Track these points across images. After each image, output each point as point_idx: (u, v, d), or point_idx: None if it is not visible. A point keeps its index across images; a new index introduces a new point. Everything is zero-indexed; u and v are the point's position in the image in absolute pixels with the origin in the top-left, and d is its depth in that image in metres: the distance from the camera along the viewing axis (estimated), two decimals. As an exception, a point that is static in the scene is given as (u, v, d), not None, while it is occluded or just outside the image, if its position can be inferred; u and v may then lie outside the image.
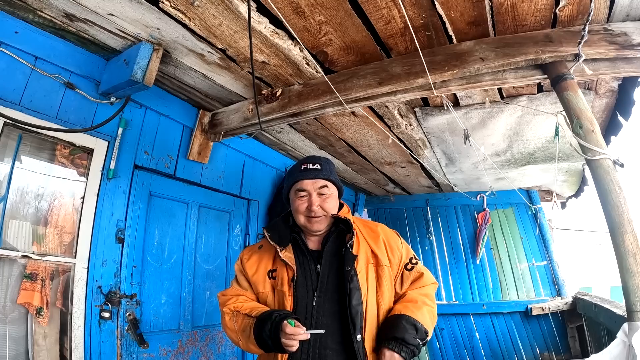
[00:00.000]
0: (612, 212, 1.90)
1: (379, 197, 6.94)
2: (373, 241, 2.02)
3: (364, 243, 2.00)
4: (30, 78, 2.45)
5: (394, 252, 2.02)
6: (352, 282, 1.81)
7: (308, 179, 1.95)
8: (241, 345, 1.89)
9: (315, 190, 1.95)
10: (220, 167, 3.89)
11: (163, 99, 3.27)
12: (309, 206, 1.93)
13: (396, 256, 2.02)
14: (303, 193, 1.96)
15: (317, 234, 2.00)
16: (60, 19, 2.40)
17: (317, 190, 1.95)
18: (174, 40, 2.51)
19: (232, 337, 1.93)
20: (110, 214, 2.82)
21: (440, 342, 6.10)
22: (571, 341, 5.44)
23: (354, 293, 1.80)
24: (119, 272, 2.82)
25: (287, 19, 2.22)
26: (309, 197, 1.95)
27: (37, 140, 2.52)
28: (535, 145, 4.10)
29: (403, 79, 2.52)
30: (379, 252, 1.98)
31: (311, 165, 1.98)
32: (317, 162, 2.00)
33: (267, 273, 1.98)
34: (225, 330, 1.97)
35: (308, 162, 2.00)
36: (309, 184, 1.95)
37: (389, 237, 2.08)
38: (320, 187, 1.95)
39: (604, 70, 2.32)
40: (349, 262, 1.86)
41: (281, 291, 1.88)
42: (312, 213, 1.92)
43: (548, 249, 5.93)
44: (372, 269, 1.94)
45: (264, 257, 2.03)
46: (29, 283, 2.37)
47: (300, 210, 1.96)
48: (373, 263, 1.96)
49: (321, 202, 1.94)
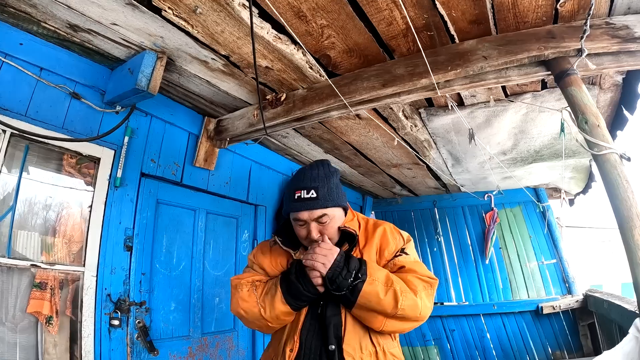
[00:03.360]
0: (620, 207, 1.87)
1: (386, 199, 6.94)
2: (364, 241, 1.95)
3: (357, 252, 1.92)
4: (35, 89, 2.47)
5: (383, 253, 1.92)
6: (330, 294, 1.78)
7: (304, 210, 1.82)
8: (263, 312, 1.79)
9: (313, 219, 1.83)
10: (226, 173, 3.90)
11: (168, 106, 3.29)
12: (308, 234, 1.84)
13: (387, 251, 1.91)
14: (301, 222, 1.86)
15: None
16: (64, 30, 2.42)
17: (314, 220, 1.83)
18: (177, 48, 2.52)
19: (249, 309, 1.82)
20: (118, 222, 2.83)
21: (451, 343, 6.06)
22: (583, 339, 5.39)
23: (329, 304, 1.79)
24: (127, 279, 2.82)
25: (289, 24, 2.23)
26: (308, 225, 1.84)
27: (44, 150, 2.53)
28: (541, 143, 4.08)
29: (407, 80, 2.51)
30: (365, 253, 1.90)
31: (305, 193, 1.82)
32: (312, 187, 1.83)
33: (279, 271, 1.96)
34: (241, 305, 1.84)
35: (302, 189, 1.83)
36: (305, 215, 1.83)
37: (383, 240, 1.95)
38: (318, 217, 1.83)
39: (607, 64, 2.31)
40: None
41: None
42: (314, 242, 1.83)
43: (557, 246, 5.89)
44: None
45: (279, 257, 2.00)
46: (38, 292, 2.38)
47: (301, 237, 1.89)
48: None
49: (322, 230, 1.85)
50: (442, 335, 6.13)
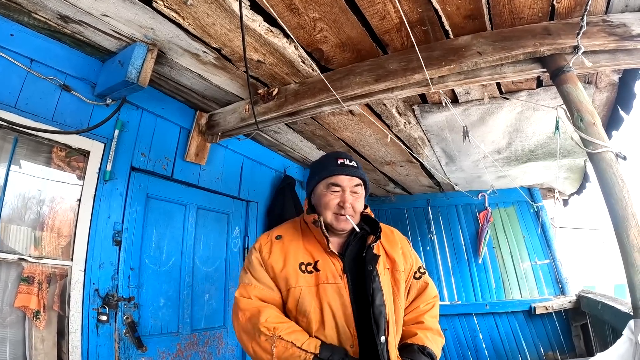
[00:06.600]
0: (615, 206, 1.86)
1: (379, 197, 6.91)
2: (390, 245, 2.00)
3: (381, 246, 1.96)
4: (25, 80, 2.44)
5: (407, 258, 2.01)
6: (374, 282, 1.75)
7: (345, 174, 1.86)
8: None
9: (350, 187, 1.87)
10: (218, 168, 3.88)
11: (159, 100, 3.26)
12: (342, 202, 1.84)
13: (409, 262, 2.01)
14: (337, 188, 1.86)
15: (341, 233, 1.91)
16: (55, 21, 2.39)
17: (351, 188, 1.87)
18: (168, 40, 2.49)
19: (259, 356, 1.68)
20: (107, 216, 2.80)
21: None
22: (576, 340, 5.39)
23: (377, 293, 1.74)
24: (116, 274, 2.79)
25: (281, 16, 2.20)
26: (343, 193, 1.85)
27: (33, 143, 2.50)
28: (536, 142, 4.07)
29: (400, 75, 2.49)
30: (396, 256, 1.95)
31: (348, 161, 1.90)
32: (351, 159, 1.93)
33: (298, 266, 1.81)
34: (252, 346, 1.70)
35: (344, 158, 1.91)
36: (345, 180, 1.86)
37: (404, 244, 2.07)
38: (356, 185, 1.89)
39: (603, 62, 2.29)
40: (372, 262, 1.79)
41: (335, 285, 1.75)
42: (343, 210, 1.84)
43: (551, 247, 5.89)
44: (387, 273, 1.89)
45: (289, 249, 1.87)
46: (25, 286, 2.35)
47: (330, 206, 1.85)
48: (389, 268, 1.91)
49: (353, 201, 1.86)
50: (435, 335, 6.10)
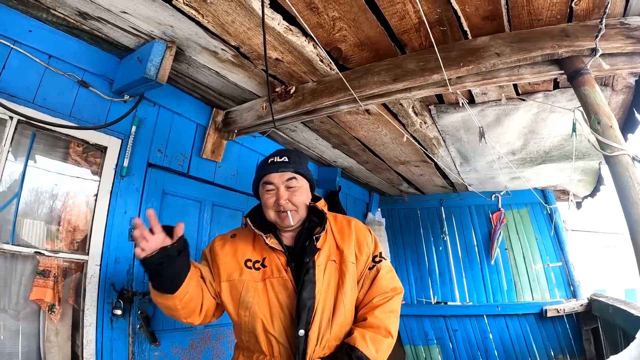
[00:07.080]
0: (631, 210, 1.84)
1: (392, 197, 6.90)
2: (341, 236, 2.01)
3: (331, 237, 1.98)
4: (44, 76, 2.45)
5: (362, 249, 1.99)
6: (307, 274, 1.79)
7: (274, 172, 1.93)
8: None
9: (283, 183, 1.93)
10: (233, 165, 3.89)
11: (176, 97, 3.27)
12: (277, 200, 1.90)
13: (364, 253, 1.99)
14: (270, 187, 1.94)
15: (288, 229, 1.98)
16: (74, 18, 2.40)
17: (284, 184, 1.93)
18: (187, 37, 2.51)
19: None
20: (124, 211, 2.82)
21: (453, 343, 6.05)
22: (586, 344, 5.35)
23: (307, 286, 1.78)
24: (131, 269, 2.82)
25: (301, 15, 2.20)
26: (277, 191, 1.92)
27: (50, 138, 2.53)
28: (551, 144, 4.04)
29: (418, 75, 2.48)
30: (345, 247, 1.96)
31: (278, 158, 1.96)
32: (285, 154, 1.98)
33: (244, 262, 1.94)
34: None
35: (275, 156, 1.98)
36: (275, 177, 1.93)
37: (362, 235, 2.05)
38: (288, 179, 1.93)
39: (621, 65, 2.27)
40: (310, 254, 1.84)
41: (280, 278, 1.84)
42: (281, 207, 1.89)
43: (563, 249, 5.85)
44: (333, 265, 1.91)
45: (239, 247, 2.01)
46: (41, 280, 2.37)
47: (268, 205, 1.93)
48: (335, 260, 1.93)
49: (289, 196, 1.91)
50: (445, 335, 6.11)
